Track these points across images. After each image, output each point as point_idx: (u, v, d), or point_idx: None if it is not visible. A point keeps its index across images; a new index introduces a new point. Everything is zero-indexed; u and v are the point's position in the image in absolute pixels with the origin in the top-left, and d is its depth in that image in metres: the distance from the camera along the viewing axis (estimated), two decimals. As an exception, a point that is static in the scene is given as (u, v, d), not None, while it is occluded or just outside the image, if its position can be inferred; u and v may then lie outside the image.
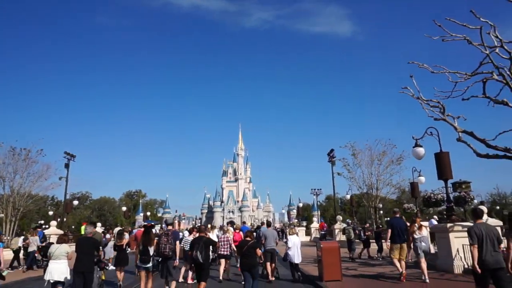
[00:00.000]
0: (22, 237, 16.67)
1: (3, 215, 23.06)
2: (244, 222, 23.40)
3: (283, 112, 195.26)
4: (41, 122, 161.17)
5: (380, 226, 24.64)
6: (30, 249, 14.62)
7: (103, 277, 10.09)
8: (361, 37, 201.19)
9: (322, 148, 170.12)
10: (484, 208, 10.89)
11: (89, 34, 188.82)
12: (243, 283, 8.17)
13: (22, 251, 15.50)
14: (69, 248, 8.11)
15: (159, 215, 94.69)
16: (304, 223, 46.51)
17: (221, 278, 10.98)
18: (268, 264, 11.01)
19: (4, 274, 10.35)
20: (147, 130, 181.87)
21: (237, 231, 13.41)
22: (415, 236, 9.94)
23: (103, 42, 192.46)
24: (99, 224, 26.17)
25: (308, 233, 35.95)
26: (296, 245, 10.87)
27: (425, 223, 15.79)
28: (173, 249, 8.72)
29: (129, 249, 11.33)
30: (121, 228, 16.29)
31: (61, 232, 23.39)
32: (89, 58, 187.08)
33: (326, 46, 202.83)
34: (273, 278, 10.98)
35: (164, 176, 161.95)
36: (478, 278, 5.58)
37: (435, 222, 16.83)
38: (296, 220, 53.70)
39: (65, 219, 28.28)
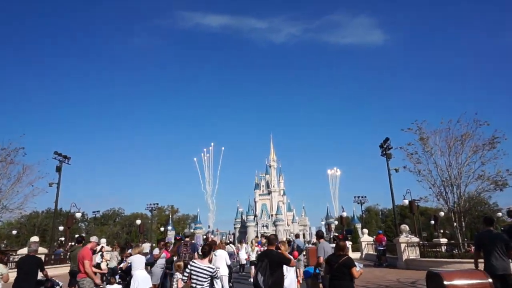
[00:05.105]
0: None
1: None
2: (256, 237, 19.51)
3: (315, 121, 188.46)
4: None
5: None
6: (110, 265, 13.26)
7: None
8: (393, 44, 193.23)
9: (361, 151, 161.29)
10: None
11: (128, 51, 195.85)
12: None
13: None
14: (5, 269, 7.23)
15: (191, 230, 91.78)
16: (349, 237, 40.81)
17: None
18: None
19: None
20: (178, 144, 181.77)
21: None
22: None
23: (140, 58, 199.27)
24: (146, 245, 20.44)
25: (356, 248, 30.57)
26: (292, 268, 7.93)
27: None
28: (192, 258, 9.17)
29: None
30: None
31: (45, 250, 20.29)
32: (127, 73, 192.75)
33: (358, 55, 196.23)
34: None
35: (196, 191, 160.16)
36: None
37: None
38: (336, 234, 47.73)
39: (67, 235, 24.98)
